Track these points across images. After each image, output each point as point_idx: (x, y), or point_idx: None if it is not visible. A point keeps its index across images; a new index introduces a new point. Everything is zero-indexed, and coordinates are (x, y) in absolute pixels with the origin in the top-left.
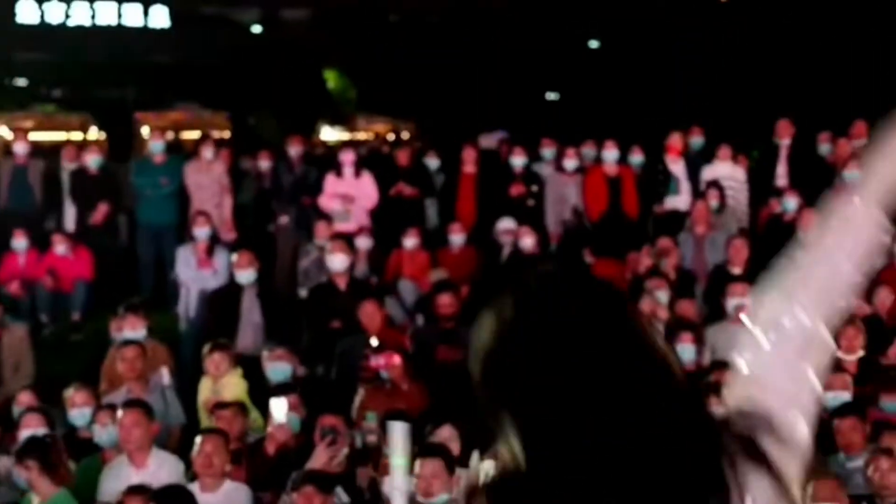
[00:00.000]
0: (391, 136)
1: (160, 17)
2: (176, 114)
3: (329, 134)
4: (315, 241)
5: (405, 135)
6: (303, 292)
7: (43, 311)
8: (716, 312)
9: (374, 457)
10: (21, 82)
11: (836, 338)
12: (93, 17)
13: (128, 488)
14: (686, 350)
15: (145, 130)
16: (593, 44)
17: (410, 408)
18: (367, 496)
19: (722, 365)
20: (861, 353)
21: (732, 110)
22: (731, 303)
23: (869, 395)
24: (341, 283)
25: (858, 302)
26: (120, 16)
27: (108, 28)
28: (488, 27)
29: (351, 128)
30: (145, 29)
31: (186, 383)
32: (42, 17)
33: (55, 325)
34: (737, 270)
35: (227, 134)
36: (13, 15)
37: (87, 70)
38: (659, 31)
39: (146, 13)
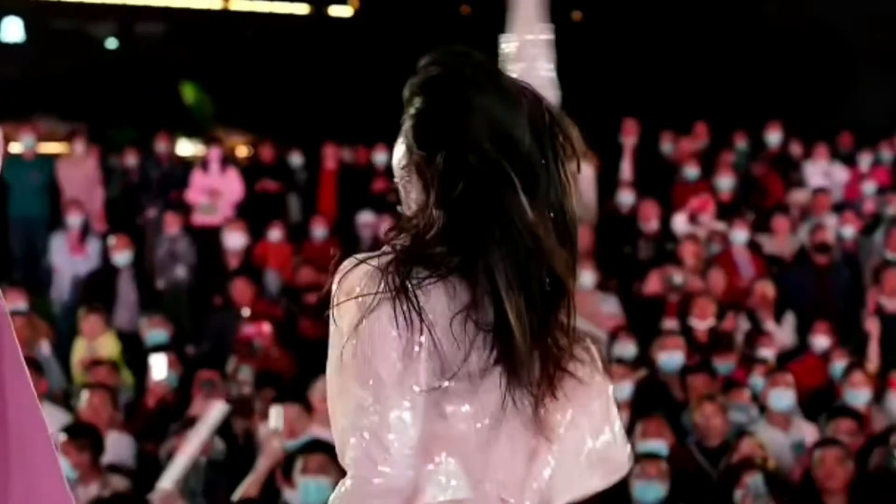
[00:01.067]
0: (248, 151)
1: (14, 32)
2: (34, 126)
3: (187, 148)
4: (165, 232)
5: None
6: (160, 284)
7: None
8: None
9: (247, 408)
10: None
11: (689, 306)
12: None
13: None
14: None
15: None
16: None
17: (280, 371)
18: (242, 443)
19: None
20: (712, 321)
21: (581, 111)
22: None
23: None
24: (234, 262)
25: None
26: None
27: None
28: (339, 39)
29: (209, 141)
30: None
31: (63, 360)
32: None
33: None
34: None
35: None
36: None
37: None
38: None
39: None
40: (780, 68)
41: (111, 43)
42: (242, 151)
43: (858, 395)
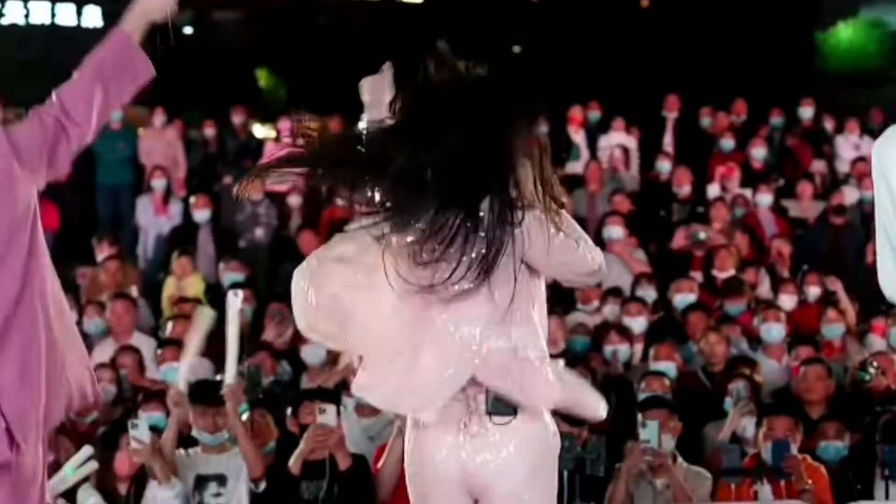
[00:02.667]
0: None
1: (93, 17)
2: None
3: (260, 132)
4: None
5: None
6: (241, 243)
7: None
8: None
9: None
10: None
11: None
12: (27, 15)
13: (120, 347)
14: None
15: None
16: (516, 48)
17: None
18: (306, 366)
19: None
20: (731, 272)
21: (625, 86)
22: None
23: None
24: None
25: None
26: (53, 15)
27: (42, 27)
28: (411, 30)
29: (280, 114)
30: (78, 28)
31: (153, 305)
32: None
33: None
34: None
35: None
36: None
37: (21, 67)
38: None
39: (79, 13)
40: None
41: (187, 29)
42: None
43: (833, 329)
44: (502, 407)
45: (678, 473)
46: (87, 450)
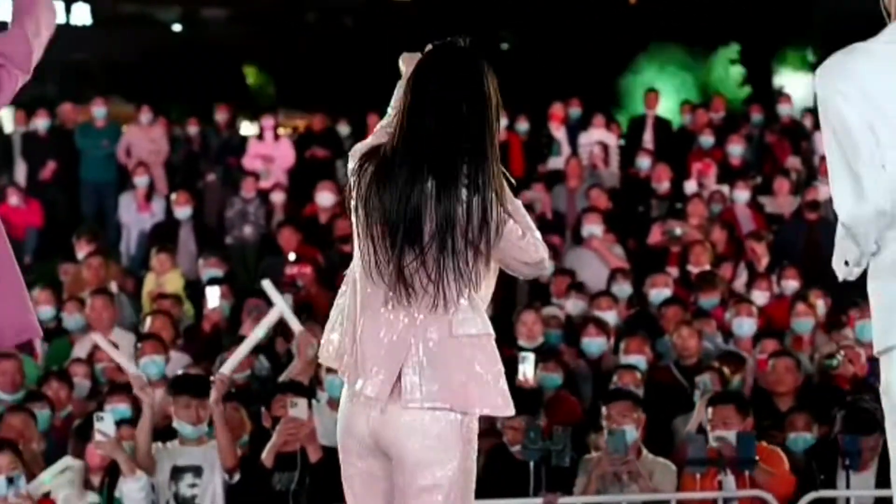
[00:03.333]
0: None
1: (81, 15)
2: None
3: (249, 129)
4: (241, 194)
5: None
6: (228, 239)
7: None
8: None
9: (288, 330)
10: None
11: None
12: None
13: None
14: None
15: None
16: (504, 45)
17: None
18: (284, 360)
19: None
20: (707, 267)
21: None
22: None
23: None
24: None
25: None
26: None
27: None
28: (400, 26)
29: (263, 112)
30: (67, 26)
31: (134, 301)
32: None
33: None
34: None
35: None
36: None
37: None
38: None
39: (68, 10)
40: None
41: (176, 27)
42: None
43: (802, 323)
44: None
45: (643, 464)
46: (65, 460)
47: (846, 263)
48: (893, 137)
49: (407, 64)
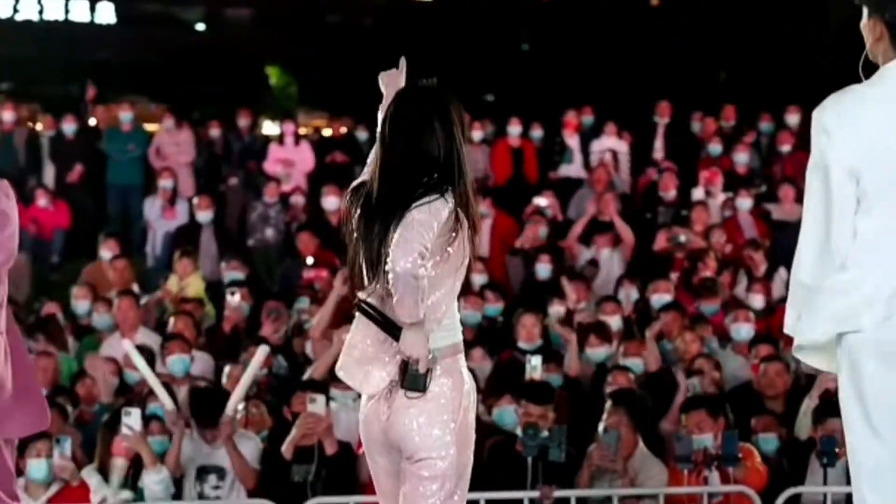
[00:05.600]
0: (329, 131)
1: (106, 14)
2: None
3: (271, 128)
4: (264, 198)
5: (343, 129)
6: (250, 242)
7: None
8: None
9: (302, 331)
10: None
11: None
12: (40, 12)
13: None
14: (543, 268)
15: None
16: (524, 46)
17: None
18: (301, 360)
19: (579, 276)
20: (709, 274)
21: (618, 92)
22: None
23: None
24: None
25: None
26: (67, 11)
27: (56, 23)
28: (421, 27)
29: (284, 117)
30: (92, 24)
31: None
32: None
33: (37, 266)
34: (605, 218)
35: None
36: None
37: (35, 64)
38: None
39: (93, 9)
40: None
41: (199, 26)
42: (326, 132)
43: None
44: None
45: (637, 458)
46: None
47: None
48: (883, 184)
49: (386, 83)
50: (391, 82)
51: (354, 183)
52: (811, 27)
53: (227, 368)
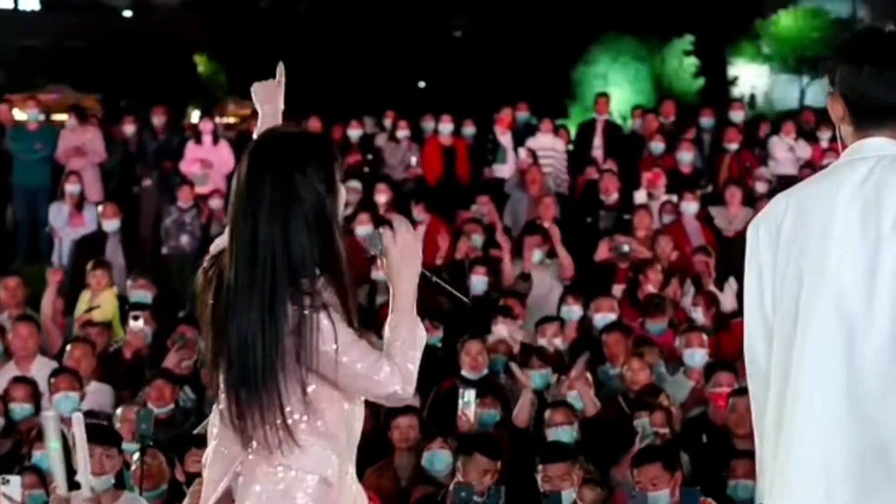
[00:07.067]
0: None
1: (30, 1)
2: (47, 96)
3: (198, 119)
4: (178, 203)
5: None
6: (164, 249)
7: None
8: None
9: None
10: None
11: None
12: None
13: (13, 378)
14: (479, 280)
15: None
16: (457, 33)
17: None
18: (209, 393)
19: (513, 293)
20: (655, 287)
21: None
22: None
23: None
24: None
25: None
26: None
27: None
28: (354, 16)
29: (221, 112)
30: (16, 11)
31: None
32: None
33: None
34: (545, 224)
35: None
36: None
37: None
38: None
39: None
40: None
41: (126, 13)
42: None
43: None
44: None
45: None
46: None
47: None
48: (806, 295)
49: (261, 98)
50: (267, 97)
51: (213, 248)
52: None
53: (119, 410)
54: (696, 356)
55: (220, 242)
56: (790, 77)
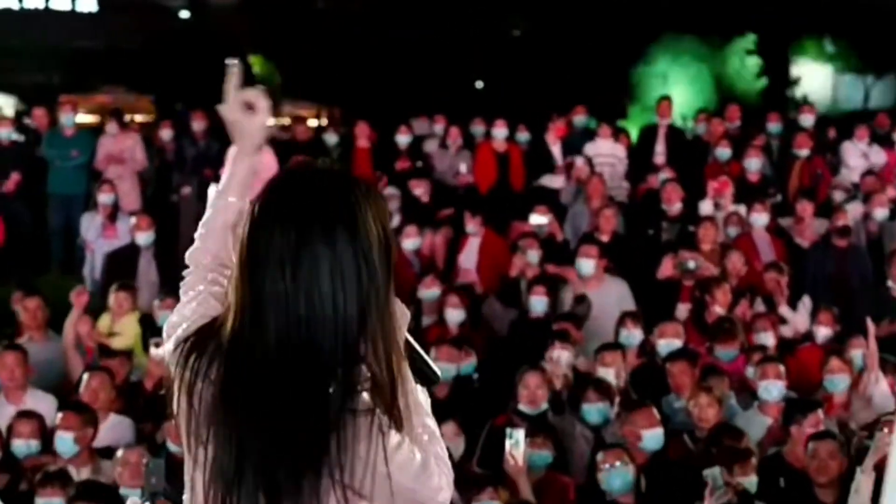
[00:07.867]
0: (314, 122)
1: (88, 2)
2: (101, 97)
3: None
4: None
5: (324, 121)
6: None
7: None
8: None
9: None
10: None
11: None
12: (21, 0)
13: (18, 413)
14: (539, 301)
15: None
16: (515, 32)
17: None
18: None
19: (568, 317)
20: (723, 309)
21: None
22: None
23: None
24: None
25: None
26: (47, 0)
27: (36, 12)
28: (410, 16)
29: (276, 113)
30: (73, 13)
31: None
32: None
33: None
34: (604, 238)
35: (152, 118)
36: None
37: (14, 53)
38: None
39: None
40: None
41: (183, 14)
42: (312, 122)
43: (835, 381)
44: None
45: None
46: None
47: None
48: None
49: (230, 120)
50: (236, 120)
51: (183, 332)
52: None
53: (119, 452)
54: (774, 390)
55: (183, 329)
56: (854, 77)
